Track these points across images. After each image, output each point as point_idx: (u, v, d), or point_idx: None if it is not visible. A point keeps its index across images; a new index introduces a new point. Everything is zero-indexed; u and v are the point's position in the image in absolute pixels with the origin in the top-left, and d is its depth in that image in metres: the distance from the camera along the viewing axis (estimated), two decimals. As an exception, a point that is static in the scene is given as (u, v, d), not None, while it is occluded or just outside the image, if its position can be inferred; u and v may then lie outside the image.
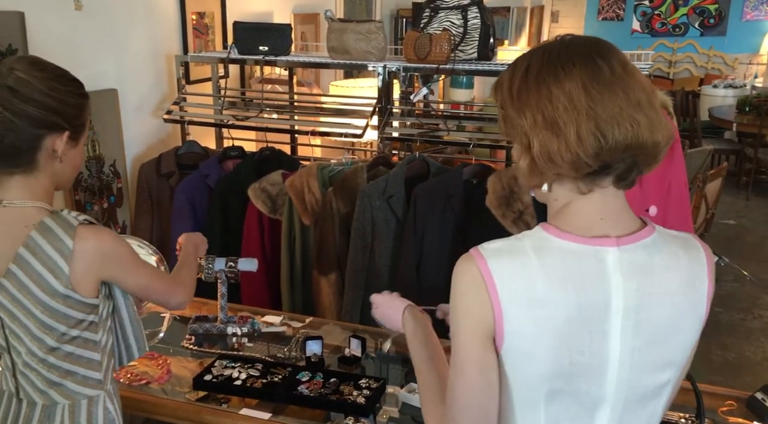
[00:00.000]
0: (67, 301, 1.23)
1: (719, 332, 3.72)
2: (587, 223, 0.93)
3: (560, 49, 0.91)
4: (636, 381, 0.94)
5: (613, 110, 0.87)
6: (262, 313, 2.12)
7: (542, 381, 0.92)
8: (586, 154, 0.87)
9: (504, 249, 0.92)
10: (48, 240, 1.21)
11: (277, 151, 2.70)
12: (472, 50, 2.69)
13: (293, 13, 3.94)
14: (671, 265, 0.94)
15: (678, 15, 8.86)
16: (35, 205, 1.25)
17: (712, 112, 6.65)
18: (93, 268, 1.24)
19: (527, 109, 0.91)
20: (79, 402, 1.31)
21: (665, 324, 0.93)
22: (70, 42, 2.52)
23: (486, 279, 0.89)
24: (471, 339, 0.91)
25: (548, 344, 0.89)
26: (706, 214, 3.69)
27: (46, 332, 1.24)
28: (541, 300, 0.89)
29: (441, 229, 2.23)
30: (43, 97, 1.22)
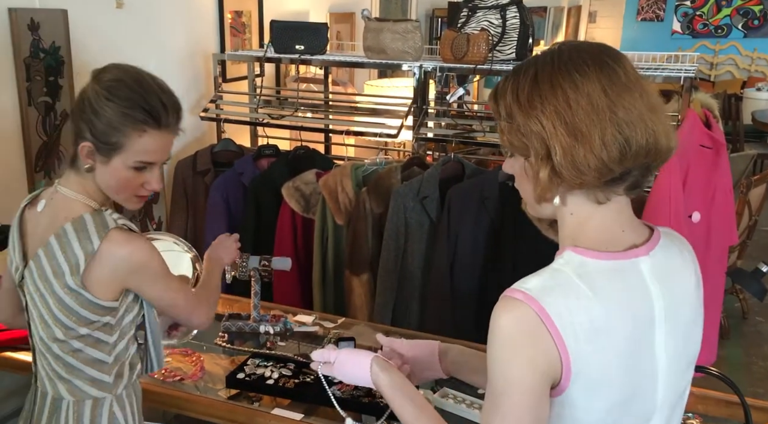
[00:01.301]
0: (78, 298, 1.24)
1: (761, 342, 3.61)
2: (611, 237, 0.89)
3: (570, 53, 0.88)
4: (677, 383, 0.94)
5: (633, 114, 0.85)
6: (294, 312, 2.12)
7: (609, 412, 0.87)
8: (611, 160, 0.84)
9: (550, 284, 0.85)
10: (78, 235, 1.23)
11: (311, 151, 2.70)
12: (510, 50, 2.65)
13: (329, 12, 3.94)
14: (681, 263, 0.95)
15: (721, 16, 8.63)
16: (82, 200, 1.27)
17: (755, 116, 6.46)
18: (116, 273, 1.24)
19: (543, 116, 0.85)
20: (83, 401, 1.31)
21: (689, 322, 0.94)
22: (111, 39, 2.56)
23: (545, 321, 0.82)
24: (532, 388, 0.83)
25: (615, 372, 0.86)
26: (749, 220, 3.58)
27: (55, 323, 1.27)
28: (602, 329, 0.84)
29: (475, 231, 2.21)
30: (85, 104, 1.25)
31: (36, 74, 2.26)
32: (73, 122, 1.27)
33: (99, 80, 1.26)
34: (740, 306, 3.82)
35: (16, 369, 1.77)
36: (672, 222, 2.00)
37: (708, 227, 2.18)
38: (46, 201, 1.31)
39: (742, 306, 3.81)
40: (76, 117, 1.26)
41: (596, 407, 0.86)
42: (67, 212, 1.26)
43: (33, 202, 1.34)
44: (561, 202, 0.90)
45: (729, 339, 3.56)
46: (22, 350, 1.76)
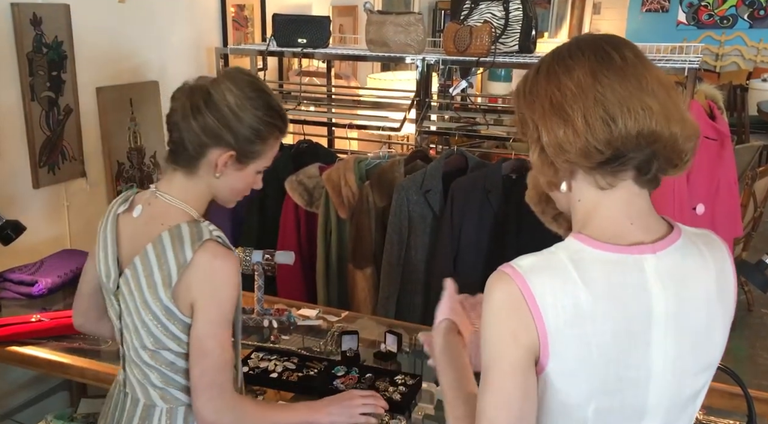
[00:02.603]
0: (168, 314, 1.21)
1: (766, 334, 3.60)
2: (618, 229, 0.89)
3: (570, 44, 0.91)
4: (677, 388, 0.91)
5: (623, 94, 0.84)
6: (298, 306, 2.12)
7: (589, 400, 0.88)
8: (596, 140, 0.84)
9: (541, 264, 0.87)
10: (173, 245, 1.19)
11: (314, 144, 2.70)
12: (514, 43, 2.64)
13: (332, 5, 3.93)
14: (702, 266, 0.91)
15: (726, 6, 8.57)
16: (181, 207, 1.24)
17: (761, 107, 6.43)
18: (197, 286, 1.19)
19: (537, 100, 0.89)
20: (177, 408, 1.29)
21: (703, 327, 0.91)
22: (113, 34, 2.55)
23: (527, 299, 0.84)
24: (515, 363, 0.85)
25: (596, 361, 0.86)
26: (755, 212, 3.56)
27: (147, 334, 1.23)
28: (586, 315, 0.84)
29: (478, 224, 2.20)
30: (226, 112, 1.21)
31: (39, 69, 2.26)
32: (205, 129, 1.21)
33: (231, 91, 1.22)
34: (745, 298, 3.81)
35: (23, 363, 1.79)
36: (676, 214, 2.00)
37: (712, 219, 2.17)
38: (143, 207, 1.26)
39: (747, 298, 3.80)
40: (211, 123, 1.21)
41: (575, 393, 0.87)
42: (165, 218, 1.23)
43: (130, 207, 1.28)
44: (567, 188, 0.91)
45: (734, 331, 3.50)
46: (27, 344, 1.77)
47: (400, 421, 1.53)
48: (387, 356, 1.80)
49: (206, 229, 1.22)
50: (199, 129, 1.21)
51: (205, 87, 1.23)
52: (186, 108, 1.22)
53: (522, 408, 0.86)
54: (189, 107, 1.21)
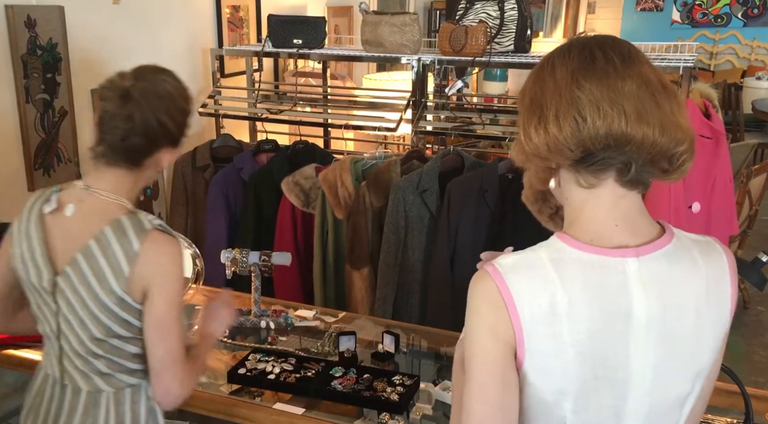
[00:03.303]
0: (121, 304, 1.25)
1: (762, 331, 3.61)
2: (603, 230, 0.89)
3: (563, 46, 0.92)
4: (660, 393, 0.91)
5: (597, 95, 0.85)
6: (295, 307, 2.12)
7: (566, 398, 0.89)
8: (565, 138, 0.85)
9: (520, 264, 0.88)
10: (118, 238, 1.23)
11: (310, 145, 2.70)
12: (509, 42, 2.64)
13: (327, 5, 3.93)
14: (692, 272, 0.90)
15: (720, 5, 8.59)
16: (117, 201, 1.27)
17: (755, 105, 6.44)
18: (149, 273, 1.23)
19: (523, 99, 0.93)
20: (123, 390, 1.33)
21: (689, 333, 0.90)
22: (108, 36, 2.55)
23: (505, 297, 0.86)
24: (494, 357, 0.88)
25: (572, 360, 0.87)
26: (750, 210, 3.57)
27: (97, 326, 1.26)
28: (562, 314, 0.86)
29: (475, 224, 2.20)
30: (177, 114, 1.27)
31: (33, 71, 2.25)
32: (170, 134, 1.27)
33: (178, 91, 1.27)
34: (741, 296, 3.82)
35: (19, 366, 1.78)
36: (672, 213, 2.00)
37: (708, 217, 2.18)
38: (75, 205, 1.27)
39: (742, 296, 3.81)
40: (174, 129, 1.27)
41: (551, 390, 0.88)
42: (102, 214, 1.25)
43: (59, 207, 1.28)
44: (556, 184, 0.94)
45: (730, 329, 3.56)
46: (23, 347, 1.76)
47: (398, 421, 1.53)
48: (384, 356, 1.80)
49: (145, 219, 1.26)
50: (160, 136, 1.25)
51: (151, 86, 1.25)
52: (140, 108, 1.23)
53: (500, 401, 0.88)
54: (143, 107, 1.23)
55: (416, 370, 1.82)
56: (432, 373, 1.77)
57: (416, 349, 1.94)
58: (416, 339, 1.98)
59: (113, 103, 1.23)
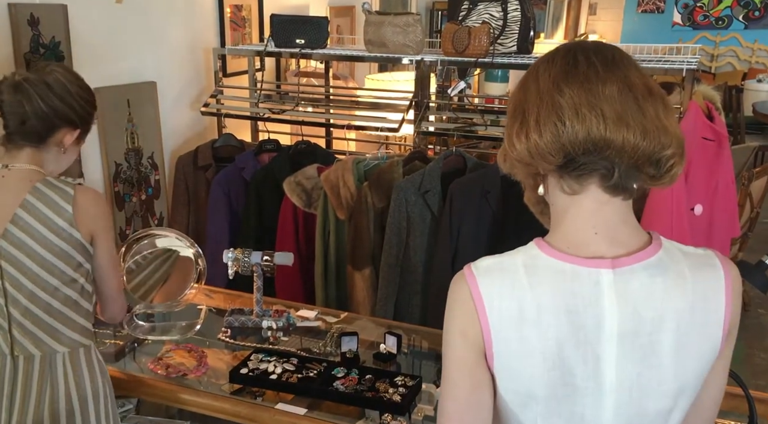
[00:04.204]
0: (70, 240, 1.39)
1: (763, 334, 3.61)
2: (581, 238, 0.89)
3: (551, 52, 0.93)
4: (637, 407, 0.90)
5: (578, 100, 0.85)
6: (297, 307, 2.12)
7: (536, 402, 0.89)
8: (545, 142, 0.85)
9: (494, 267, 0.90)
10: (51, 189, 1.40)
11: (312, 145, 2.70)
12: (512, 43, 2.64)
13: (329, 5, 3.93)
14: (675, 286, 0.88)
15: (721, 7, 8.59)
16: (37, 169, 1.43)
17: (756, 108, 6.44)
18: (88, 215, 1.41)
19: (510, 104, 0.93)
20: (77, 350, 1.43)
21: (669, 349, 0.88)
22: (110, 35, 2.54)
23: (475, 298, 0.88)
24: (463, 357, 0.90)
25: (539, 365, 0.87)
26: (751, 213, 3.57)
27: (49, 272, 1.39)
28: (530, 320, 0.86)
29: (477, 225, 2.20)
30: (71, 98, 1.44)
31: (36, 70, 2.25)
32: (62, 114, 1.43)
33: (68, 80, 1.45)
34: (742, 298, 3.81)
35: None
36: (674, 215, 2.00)
37: (710, 219, 2.17)
38: None
39: (743, 298, 3.81)
40: (65, 109, 1.43)
41: (521, 392, 0.89)
42: (27, 179, 1.40)
43: None
44: (545, 190, 0.94)
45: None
46: None
47: (400, 422, 1.53)
48: (387, 357, 1.80)
49: (65, 180, 1.44)
50: (51, 115, 1.41)
51: (39, 76, 1.43)
52: (30, 96, 1.40)
53: (469, 400, 0.89)
54: (39, 101, 1.40)
55: (418, 371, 1.82)
56: (434, 374, 1.77)
57: (418, 350, 1.94)
58: (417, 340, 1.98)
59: (8, 94, 1.41)
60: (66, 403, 1.41)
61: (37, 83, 1.40)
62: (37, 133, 1.42)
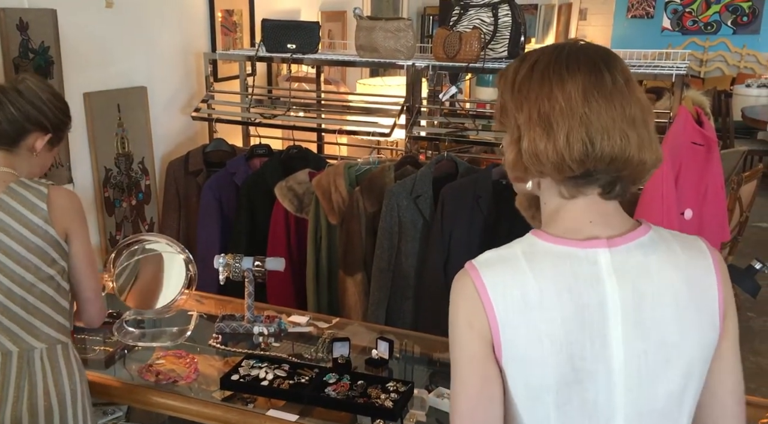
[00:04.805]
0: (45, 236, 1.41)
1: (752, 337, 3.63)
2: (576, 225, 0.93)
3: (570, 51, 0.92)
4: (648, 388, 0.91)
5: (607, 121, 0.88)
6: (288, 312, 2.11)
7: (548, 391, 0.90)
8: (571, 159, 0.88)
9: (494, 258, 0.93)
10: (25, 188, 1.43)
11: (304, 150, 2.69)
12: (503, 49, 2.65)
13: (320, 10, 3.93)
14: (669, 262, 0.92)
15: (710, 13, 8.66)
16: (10, 171, 1.46)
17: (745, 113, 6.50)
18: (62, 212, 1.43)
19: (525, 104, 0.91)
20: (54, 346, 1.44)
21: (671, 324, 0.91)
22: (100, 39, 2.53)
23: (479, 290, 0.90)
24: (471, 350, 0.91)
25: (548, 350, 0.88)
26: (740, 217, 3.60)
27: (25, 268, 1.40)
28: (534, 304, 0.88)
29: (469, 230, 2.20)
30: (41, 104, 1.48)
31: (25, 75, 2.24)
32: (32, 117, 1.47)
33: (38, 87, 1.49)
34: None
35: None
36: (664, 219, 2.01)
37: (700, 224, 2.19)
38: None
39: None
40: (30, 111, 1.46)
41: (531, 383, 0.90)
42: (1, 181, 1.43)
43: None
44: (534, 187, 0.96)
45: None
46: None
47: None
48: (378, 362, 1.79)
49: (38, 180, 1.47)
50: (22, 118, 1.45)
51: (12, 85, 1.48)
52: (1, 102, 1.44)
53: (480, 396, 0.90)
54: (9, 105, 1.44)
55: (410, 376, 1.82)
56: (426, 379, 1.76)
57: (410, 355, 1.94)
58: (409, 345, 1.98)
59: None
60: (44, 400, 1.42)
61: (8, 91, 1.47)
62: (8, 137, 1.46)
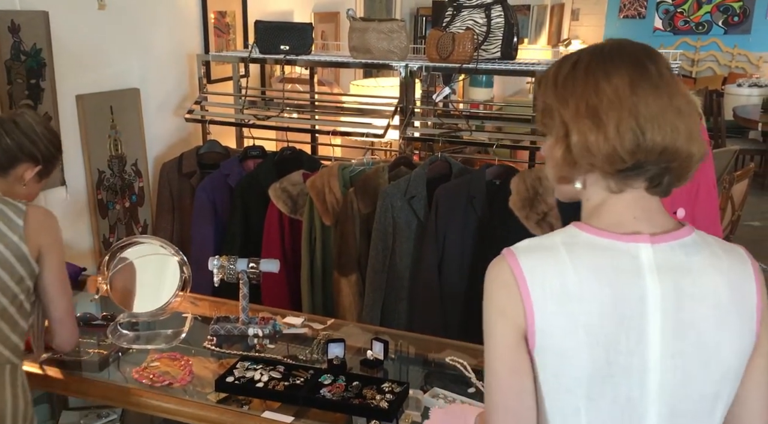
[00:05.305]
0: (17, 253, 1.43)
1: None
2: (619, 219, 0.92)
3: (611, 48, 0.93)
4: (682, 388, 0.90)
5: (656, 111, 0.88)
6: (283, 314, 2.11)
7: (580, 384, 0.89)
8: (623, 149, 0.87)
9: (534, 246, 0.92)
10: (4, 205, 1.46)
11: (297, 151, 2.69)
12: (496, 49, 2.65)
13: (314, 11, 3.93)
14: (712, 265, 0.91)
15: (701, 13, 8.72)
16: None
17: (736, 112, 6.54)
18: (37, 231, 1.45)
19: (571, 98, 0.91)
20: (4, 366, 1.44)
21: (709, 327, 0.89)
22: (93, 41, 2.53)
23: (517, 275, 0.89)
24: (503, 339, 0.90)
25: (583, 341, 0.87)
26: (732, 216, 3.62)
27: None
28: (573, 295, 0.88)
29: (463, 230, 2.21)
30: (35, 137, 1.54)
31: (17, 77, 2.23)
32: (25, 149, 1.52)
33: (35, 122, 1.55)
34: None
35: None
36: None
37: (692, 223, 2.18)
38: None
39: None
40: (28, 146, 1.52)
41: (565, 375, 0.89)
42: None
43: None
44: (582, 185, 0.95)
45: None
46: None
47: (387, 429, 1.52)
48: (374, 363, 1.79)
49: (17, 201, 1.49)
50: (15, 149, 1.51)
51: (10, 116, 1.54)
52: None
53: (511, 384, 0.90)
54: (5, 136, 1.50)
55: (405, 377, 1.82)
56: (421, 380, 1.77)
57: (405, 356, 1.94)
58: (404, 346, 1.98)
59: None
60: None
61: (6, 121, 1.53)
62: (0, 165, 1.52)
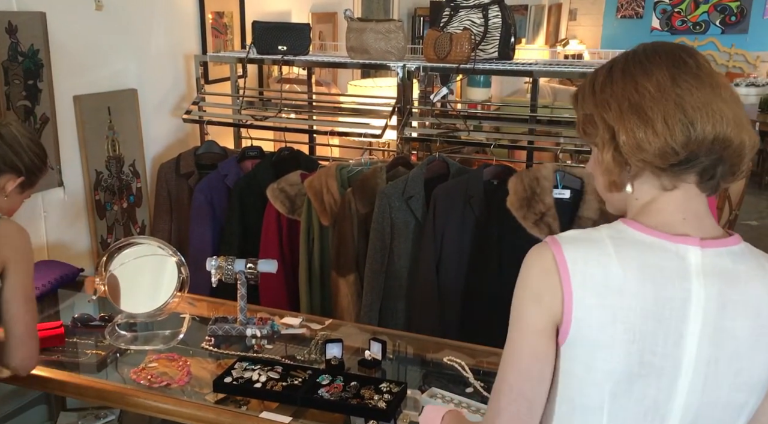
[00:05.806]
0: None
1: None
2: (669, 220, 0.90)
3: (645, 49, 0.93)
4: (710, 396, 0.89)
5: (701, 101, 0.87)
6: (281, 314, 2.11)
7: (608, 379, 0.88)
8: (675, 141, 0.86)
9: (580, 237, 0.91)
10: None
11: (295, 152, 2.70)
12: (493, 50, 2.66)
13: (311, 12, 3.93)
14: (758, 276, 0.89)
15: (698, 12, 8.73)
16: None
17: (734, 112, 6.54)
18: (5, 244, 1.44)
19: (612, 100, 0.90)
20: None
21: (747, 337, 0.88)
22: (90, 42, 2.53)
23: (559, 263, 0.88)
24: (533, 324, 0.89)
25: (621, 337, 0.86)
26: (730, 215, 3.63)
27: None
28: (615, 289, 0.86)
29: (461, 230, 2.21)
30: (19, 148, 1.53)
31: (14, 78, 2.23)
32: (7, 160, 1.51)
33: (20, 133, 1.54)
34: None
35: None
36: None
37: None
38: None
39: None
40: (8, 154, 1.51)
41: (597, 367, 0.88)
42: None
43: None
44: (631, 188, 0.93)
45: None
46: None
47: (385, 429, 1.52)
48: (372, 363, 1.79)
49: None
50: None
51: None
52: None
53: (530, 369, 0.89)
54: None
55: (403, 377, 1.82)
56: (419, 379, 1.77)
57: (403, 356, 1.94)
58: (402, 346, 1.98)
59: None
60: None
61: None
62: None
